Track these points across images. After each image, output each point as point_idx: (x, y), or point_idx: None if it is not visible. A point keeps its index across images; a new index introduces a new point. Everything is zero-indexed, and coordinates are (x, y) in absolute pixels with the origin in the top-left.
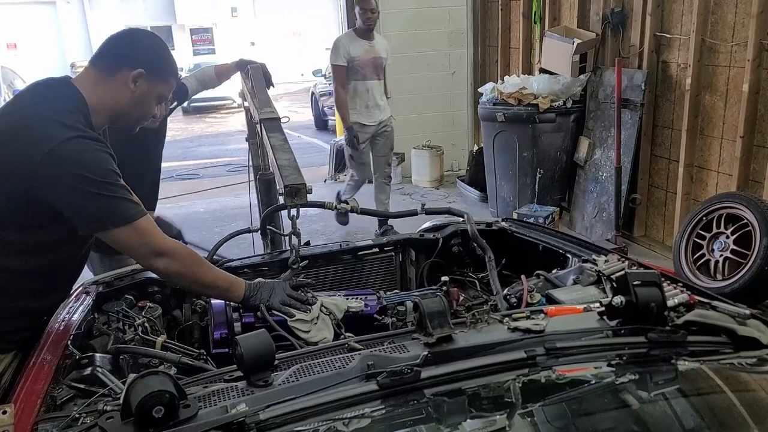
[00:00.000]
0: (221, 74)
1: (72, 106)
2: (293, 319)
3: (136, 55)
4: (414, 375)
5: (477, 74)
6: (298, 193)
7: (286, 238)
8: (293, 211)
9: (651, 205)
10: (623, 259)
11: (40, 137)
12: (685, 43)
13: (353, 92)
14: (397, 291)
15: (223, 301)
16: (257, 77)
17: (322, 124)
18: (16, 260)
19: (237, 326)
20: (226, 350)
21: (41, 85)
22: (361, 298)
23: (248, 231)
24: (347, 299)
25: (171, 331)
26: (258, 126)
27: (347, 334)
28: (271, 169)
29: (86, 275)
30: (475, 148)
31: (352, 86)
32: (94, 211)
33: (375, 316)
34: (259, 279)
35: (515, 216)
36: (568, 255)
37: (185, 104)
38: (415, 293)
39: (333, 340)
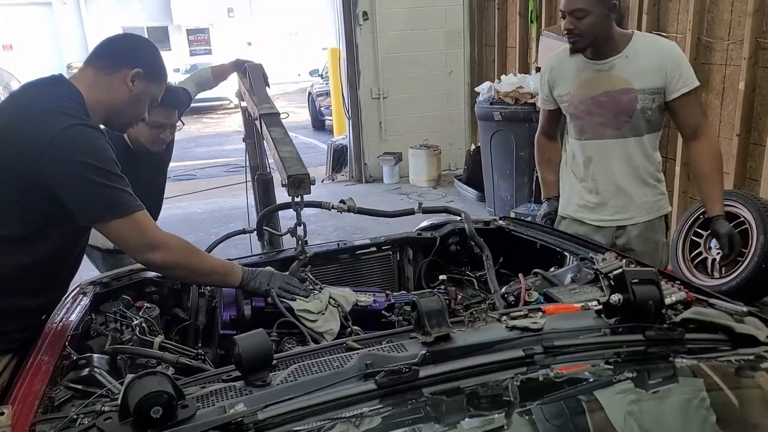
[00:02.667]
0: (218, 75)
1: (71, 99)
2: (301, 309)
3: (135, 55)
4: (412, 374)
5: (474, 73)
6: (301, 184)
7: (287, 236)
8: (298, 200)
9: None
10: (621, 258)
11: (41, 126)
12: (681, 42)
13: (567, 158)
14: (404, 292)
15: None
16: (256, 74)
17: (319, 124)
18: (13, 257)
19: (247, 309)
20: (234, 332)
21: (37, 83)
22: (369, 294)
23: (244, 232)
24: (356, 293)
25: (170, 330)
26: (258, 121)
27: (354, 327)
28: (268, 169)
29: (85, 275)
30: (473, 147)
31: (569, 149)
32: (94, 200)
33: (383, 312)
34: (260, 268)
35: (513, 215)
36: (566, 253)
37: None
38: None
39: (339, 332)
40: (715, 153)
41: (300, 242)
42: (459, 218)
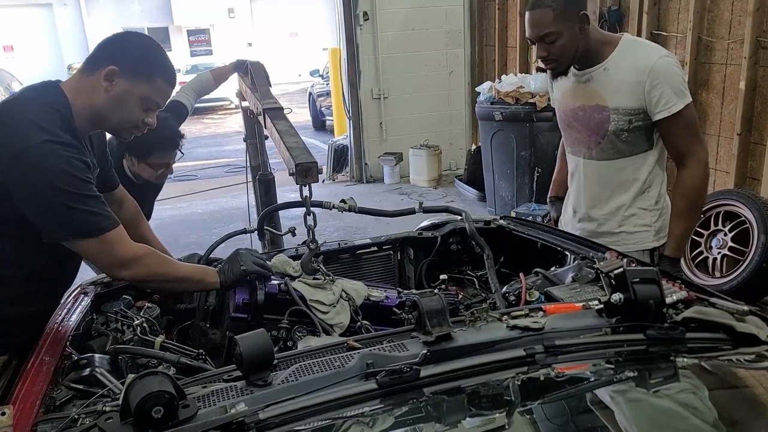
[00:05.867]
0: (219, 77)
1: (51, 107)
2: (314, 299)
3: (116, 53)
4: (413, 373)
5: (474, 73)
6: (309, 172)
7: (288, 235)
8: (306, 191)
9: None
10: (622, 257)
11: (11, 136)
12: (681, 41)
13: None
14: (414, 290)
15: None
16: (258, 72)
17: (319, 124)
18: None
19: (260, 294)
20: (246, 316)
21: (27, 89)
22: (382, 290)
23: (244, 232)
24: (369, 288)
25: (171, 330)
26: (261, 117)
27: (364, 322)
28: (269, 169)
29: (86, 275)
30: (473, 147)
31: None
32: (56, 220)
33: (394, 309)
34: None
35: (513, 215)
36: (567, 253)
37: None
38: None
39: (349, 326)
40: (695, 187)
41: (310, 232)
42: (459, 218)
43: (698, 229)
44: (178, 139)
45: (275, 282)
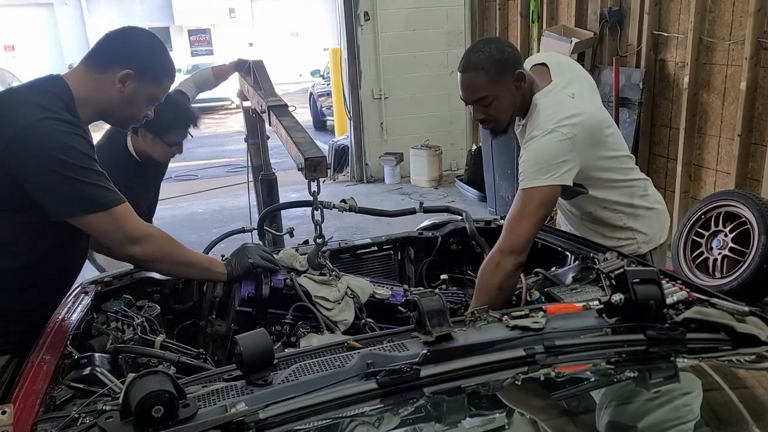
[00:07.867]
0: (219, 75)
1: (54, 93)
2: (319, 295)
3: (127, 55)
4: (413, 373)
5: None
6: (318, 166)
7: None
8: (314, 187)
9: None
10: (622, 257)
11: (12, 115)
12: (682, 42)
13: None
14: (421, 288)
15: None
16: (260, 70)
17: (320, 124)
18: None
19: (265, 288)
20: (251, 310)
21: (30, 80)
22: (388, 287)
23: (242, 231)
24: (374, 285)
25: (171, 329)
26: (266, 114)
27: (369, 320)
28: (271, 170)
29: (88, 274)
30: (474, 147)
31: None
32: (62, 195)
33: (399, 308)
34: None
35: None
36: (567, 253)
37: None
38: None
39: (353, 324)
40: (480, 276)
41: (318, 227)
42: (460, 218)
43: (699, 229)
44: (196, 117)
45: (281, 277)
